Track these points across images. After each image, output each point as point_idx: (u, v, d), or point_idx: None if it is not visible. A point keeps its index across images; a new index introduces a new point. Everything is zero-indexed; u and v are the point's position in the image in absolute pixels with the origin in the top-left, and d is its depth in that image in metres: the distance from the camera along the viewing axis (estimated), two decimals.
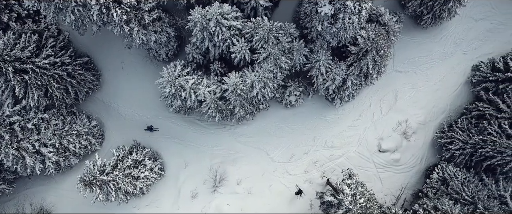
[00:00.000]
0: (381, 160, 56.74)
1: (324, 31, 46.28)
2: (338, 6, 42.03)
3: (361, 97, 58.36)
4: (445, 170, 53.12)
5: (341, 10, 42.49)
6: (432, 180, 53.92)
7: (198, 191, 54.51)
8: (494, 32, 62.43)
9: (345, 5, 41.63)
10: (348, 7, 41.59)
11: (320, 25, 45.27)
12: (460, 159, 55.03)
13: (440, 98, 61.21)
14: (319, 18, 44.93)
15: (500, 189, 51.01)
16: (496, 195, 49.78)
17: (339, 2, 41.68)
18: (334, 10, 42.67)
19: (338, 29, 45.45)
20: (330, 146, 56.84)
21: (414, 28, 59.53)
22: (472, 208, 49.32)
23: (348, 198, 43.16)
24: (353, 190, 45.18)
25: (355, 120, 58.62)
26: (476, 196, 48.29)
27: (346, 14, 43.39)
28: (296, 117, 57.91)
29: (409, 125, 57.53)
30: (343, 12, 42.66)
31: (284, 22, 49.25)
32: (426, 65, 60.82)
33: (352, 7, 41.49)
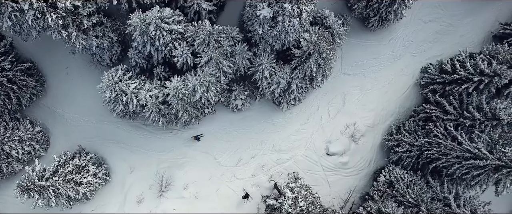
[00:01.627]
0: (329, 163, 59.44)
1: (266, 34, 48.41)
2: (276, 9, 44.00)
3: (309, 101, 60.69)
4: (392, 172, 55.69)
5: (280, 13, 44.39)
6: (379, 183, 56.35)
7: (144, 196, 56.60)
8: (444, 33, 64.96)
9: (283, 8, 43.50)
10: (286, 9, 43.39)
11: (261, 28, 47.63)
12: (407, 161, 57.31)
13: (389, 101, 63.19)
14: (259, 22, 47.09)
15: (444, 191, 53.05)
16: (440, 197, 52.30)
17: (277, 5, 43.54)
18: (273, 13, 44.71)
19: (279, 32, 47.62)
20: (278, 149, 59.13)
21: (362, 30, 62.01)
22: (415, 210, 51.63)
23: (288, 201, 45.67)
24: (295, 193, 47.17)
25: (303, 123, 60.62)
26: (419, 198, 50.66)
27: (285, 17, 45.03)
28: (243, 121, 59.82)
29: (358, 128, 59.92)
30: (282, 15, 44.50)
31: (230, 25, 51.79)
32: (374, 67, 62.74)
33: (290, 10, 43.47)
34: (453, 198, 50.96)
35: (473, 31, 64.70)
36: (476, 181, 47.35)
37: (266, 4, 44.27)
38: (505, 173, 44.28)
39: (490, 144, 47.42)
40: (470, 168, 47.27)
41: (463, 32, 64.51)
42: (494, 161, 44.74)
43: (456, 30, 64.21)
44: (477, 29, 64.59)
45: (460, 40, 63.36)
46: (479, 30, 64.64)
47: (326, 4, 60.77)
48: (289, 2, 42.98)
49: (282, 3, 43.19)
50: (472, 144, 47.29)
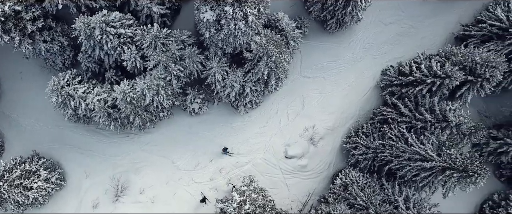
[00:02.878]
0: (288, 166, 58.46)
1: (214, 37, 47.46)
2: (218, 12, 42.88)
3: (268, 104, 59.72)
4: (348, 175, 54.64)
5: (222, 16, 43.19)
6: (335, 185, 55.60)
7: (100, 201, 55.67)
8: (405, 35, 64.23)
9: (224, 11, 42.35)
10: (227, 13, 42.22)
11: (208, 32, 46.78)
12: (364, 164, 56.80)
13: (349, 103, 62.55)
14: (205, 25, 45.97)
15: (395, 193, 52.32)
16: (392, 199, 51.19)
17: (218, 8, 42.38)
18: (216, 16, 43.49)
19: (226, 36, 46.77)
20: (237, 153, 57.72)
21: (322, 33, 61.23)
22: (365, 213, 51.34)
23: (234, 204, 44.51)
24: (244, 196, 46.03)
25: (262, 126, 59.75)
26: (369, 201, 49.62)
27: (229, 20, 44.00)
28: (202, 125, 58.96)
29: (317, 131, 58.97)
30: (224, 18, 43.31)
31: (185, 29, 52.02)
32: (335, 70, 61.79)
33: (231, 13, 42.26)
34: (402, 200, 49.86)
35: (435, 33, 63.44)
36: (424, 183, 45.88)
37: (209, 7, 42.55)
38: (448, 175, 42.75)
39: (439, 146, 45.35)
40: (419, 170, 46.00)
41: (424, 34, 63.24)
42: (439, 162, 43.27)
43: (418, 32, 62.98)
44: (439, 30, 63.49)
45: (422, 42, 62.17)
46: (441, 31, 63.60)
47: (284, 6, 61.14)
48: (230, 5, 41.47)
49: (223, 6, 40.99)
50: (420, 146, 45.60)
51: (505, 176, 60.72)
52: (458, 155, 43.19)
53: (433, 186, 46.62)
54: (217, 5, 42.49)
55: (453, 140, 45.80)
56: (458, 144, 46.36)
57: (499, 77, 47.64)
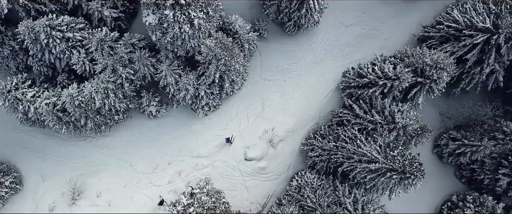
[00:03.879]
0: (248, 169, 57.39)
1: (161, 41, 46.09)
2: (158, 15, 41.59)
3: (228, 107, 58.67)
4: (303, 177, 53.18)
5: (164, 20, 41.86)
6: (291, 187, 54.18)
7: (56, 204, 54.73)
8: (367, 37, 63.33)
9: (165, 15, 41.07)
10: (168, 16, 40.90)
11: (154, 35, 45.38)
12: (320, 165, 56.01)
13: (309, 105, 61.68)
14: (151, 28, 44.69)
15: (345, 195, 52.13)
16: (342, 201, 49.89)
17: (158, 11, 41.11)
18: (158, 20, 42.19)
19: (174, 39, 45.60)
20: (196, 155, 57.15)
21: (282, 35, 60.24)
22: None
23: (178, 207, 43.29)
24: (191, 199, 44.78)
25: (222, 129, 58.84)
26: (317, 203, 48.23)
27: (174, 23, 42.67)
28: (161, 127, 57.89)
29: (276, 133, 57.88)
30: (166, 22, 42.00)
31: (141, 33, 51.93)
32: (295, 72, 60.71)
33: (172, 17, 40.96)
34: (351, 202, 48.52)
35: (398, 34, 62.30)
36: (372, 184, 44.29)
37: (150, 11, 41.15)
38: (389, 177, 41.42)
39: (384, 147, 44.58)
40: (366, 171, 44.15)
41: (387, 35, 61.99)
42: (383, 164, 41.72)
43: (380, 33, 61.71)
44: (401, 32, 62.53)
45: (384, 43, 60.86)
46: (404, 33, 62.62)
47: (243, 8, 61.29)
48: (170, 9, 39.84)
49: (162, 10, 39.65)
50: (367, 148, 46.49)
51: (465, 177, 59.57)
52: (399, 156, 41.37)
53: (379, 188, 44.49)
54: (158, 9, 40.43)
55: (397, 141, 43.84)
56: (404, 145, 44.43)
57: (446, 79, 46.29)
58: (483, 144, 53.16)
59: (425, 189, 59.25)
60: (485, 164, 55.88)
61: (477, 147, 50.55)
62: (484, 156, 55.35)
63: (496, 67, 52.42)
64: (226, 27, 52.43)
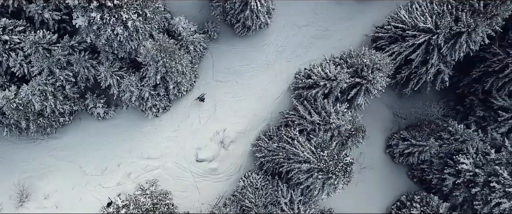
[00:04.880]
0: (199, 170, 56.34)
1: (97, 43, 44.69)
2: (86, 18, 40.26)
3: (180, 108, 57.73)
4: (248, 178, 51.90)
5: (92, 22, 40.53)
6: (238, 188, 52.69)
7: (3, 207, 53.72)
8: (320, 38, 62.00)
9: (91, 17, 39.71)
10: (95, 19, 39.56)
11: (88, 37, 44.02)
12: (267, 166, 55.11)
13: (262, 107, 60.72)
14: (84, 31, 43.42)
15: (283, 195, 51.49)
16: (280, 201, 48.72)
17: (86, 14, 39.77)
18: (87, 22, 40.83)
19: (108, 41, 43.84)
20: (147, 157, 55.95)
21: (233, 37, 59.31)
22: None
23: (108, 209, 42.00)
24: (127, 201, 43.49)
25: (173, 130, 57.77)
26: (254, 203, 47.18)
27: (104, 26, 41.28)
28: (111, 129, 56.96)
29: (227, 134, 56.87)
30: (95, 24, 40.76)
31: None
32: (248, 74, 59.67)
33: (99, 19, 39.58)
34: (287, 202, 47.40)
35: (351, 35, 61.22)
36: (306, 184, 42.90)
37: (80, 13, 39.68)
38: (315, 177, 40.08)
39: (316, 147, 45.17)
40: (300, 172, 42.83)
41: (340, 36, 60.86)
42: (314, 165, 40.44)
43: (333, 34, 60.56)
44: (355, 32, 61.56)
45: (337, 44, 59.64)
46: (358, 33, 60.87)
47: (193, 10, 61.33)
48: (97, 11, 38.49)
49: (89, 12, 38.28)
50: (301, 148, 46.54)
51: (417, 176, 58.24)
52: (328, 157, 40.01)
53: (312, 188, 43.12)
54: (85, 11, 39.00)
55: (330, 142, 42.56)
56: (342, 146, 42.81)
57: (381, 79, 44.53)
58: (428, 144, 51.55)
59: (378, 189, 58.24)
60: (433, 164, 54.23)
61: (423, 147, 48.95)
62: (432, 156, 53.91)
63: (441, 67, 50.80)
64: (170, 29, 50.42)
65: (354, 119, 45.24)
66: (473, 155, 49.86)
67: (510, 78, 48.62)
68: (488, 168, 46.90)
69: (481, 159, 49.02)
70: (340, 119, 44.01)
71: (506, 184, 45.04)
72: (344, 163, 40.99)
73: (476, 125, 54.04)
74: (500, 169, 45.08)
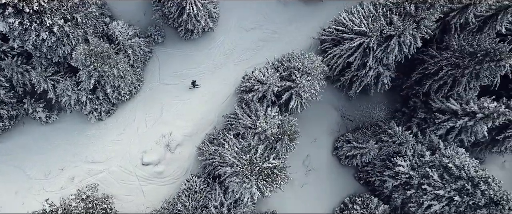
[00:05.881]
0: (144, 173, 55.29)
1: (27, 48, 43.48)
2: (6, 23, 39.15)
3: (126, 111, 56.53)
4: (190, 181, 50.89)
5: (13, 28, 39.38)
6: (179, 191, 51.69)
7: None
8: (268, 41, 60.61)
9: (10, 22, 38.55)
10: (13, 24, 38.32)
11: (15, 42, 42.77)
12: (208, 169, 54.11)
13: (209, 110, 60.13)
14: (10, 36, 42.18)
15: (216, 198, 51.32)
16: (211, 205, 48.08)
17: (5, 20, 38.55)
18: (8, 27, 39.68)
19: (35, 46, 42.78)
20: (91, 161, 54.91)
21: (180, 40, 58.67)
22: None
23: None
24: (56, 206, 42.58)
25: (119, 134, 56.64)
26: (185, 207, 47.76)
27: (29, 31, 40.03)
28: (55, 133, 56.16)
29: (174, 137, 55.78)
30: (16, 30, 39.50)
31: None
32: (195, 77, 58.94)
33: (17, 25, 38.37)
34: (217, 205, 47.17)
35: (300, 38, 60.27)
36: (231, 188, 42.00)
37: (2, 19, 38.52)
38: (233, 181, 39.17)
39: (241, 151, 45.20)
40: (228, 175, 41.89)
41: (289, 39, 59.67)
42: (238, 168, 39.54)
43: (281, 37, 59.35)
44: (303, 35, 60.93)
45: (286, 47, 58.65)
46: (307, 35, 59.78)
47: (138, 13, 60.37)
48: (14, 17, 37.19)
49: (6, 18, 37.13)
50: (229, 152, 46.12)
51: (362, 178, 56.69)
52: (245, 160, 39.00)
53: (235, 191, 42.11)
54: (3, 17, 37.81)
55: (257, 145, 41.55)
56: (271, 150, 41.76)
57: (307, 83, 44.99)
58: (368, 147, 50.45)
59: (325, 190, 57.37)
60: (376, 166, 53.04)
61: (364, 149, 47.58)
62: (374, 158, 52.70)
63: (381, 70, 49.46)
64: (107, 33, 49.21)
65: (283, 122, 43.78)
66: (410, 157, 48.16)
67: (445, 81, 46.57)
68: (422, 170, 45.34)
69: (417, 161, 47.39)
70: (267, 123, 42.44)
71: (436, 186, 43.59)
72: (261, 168, 39.57)
73: (418, 127, 52.66)
74: (430, 172, 43.77)
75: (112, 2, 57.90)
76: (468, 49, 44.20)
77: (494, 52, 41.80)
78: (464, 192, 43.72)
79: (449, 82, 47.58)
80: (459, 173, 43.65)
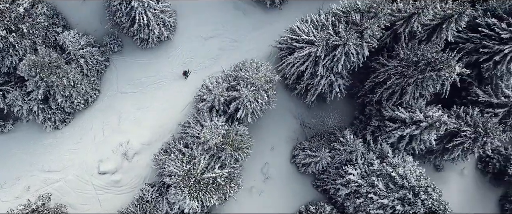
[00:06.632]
0: (101, 182, 54.83)
1: None
2: None
3: (83, 120, 56.16)
4: (143, 190, 50.29)
5: None
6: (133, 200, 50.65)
7: None
8: (228, 49, 60.52)
9: None
10: None
11: None
12: (162, 178, 51.65)
13: (167, 118, 59.63)
14: None
15: (162, 208, 51.16)
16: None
17: None
18: None
19: None
20: (47, 170, 54.42)
21: (138, 49, 57.70)
22: None
23: None
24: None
25: (76, 143, 56.25)
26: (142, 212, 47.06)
27: None
28: (10, 142, 56.09)
29: (131, 146, 55.24)
30: None
31: None
32: (154, 85, 58.25)
33: None
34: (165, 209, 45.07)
35: (260, 46, 59.96)
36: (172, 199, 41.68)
37: None
38: (175, 192, 38.64)
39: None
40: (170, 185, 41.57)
41: (249, 47, 59.35)
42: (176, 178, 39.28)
43: (241, 45, 59.03)
44: (263, 43, 59.64)
45: (245, 55, 58.19)
46: (266, 44, 58.56)
47: (96, 23, 60.17)
48: None
49: None
50: (172, 162, 46.21)
51: (320, 186, 55.84)
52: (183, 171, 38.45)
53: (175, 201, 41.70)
54: None
55: (193, 155, 41.02)
56: (215, 160, 41.15)
57: (249, 93, 46.57)
58: (320, 155, 49.83)
59: (283, 198, 57.08)
60: (330, 174, 52.45)
61: (316, 157, 46.95)
62: (329, 166, 51.94)
63: (333, 79, 48.90)
64: (59, 43, 48.58)
65: (229, 132, 43.11)
66: (361, 165, 47.58)
67: (393, 90, 46.08)
68: (370, 179, 44.70)
69: (367, 170, 46.79)
70: (210, 133, 41.83)
71: (381, 195, 43.06)
72: (197, 178, 39.02)
73: (372, 134, 52.07)
74: (376, 181, 43.28)
75: (69, 11, 57.10)
76: (412, 59, 43.34)
77: (434, 62, 40.99)
78: (406, 201, 42.91)
79: (397, 91, 46.92)
80: (402, 182, 42.89)
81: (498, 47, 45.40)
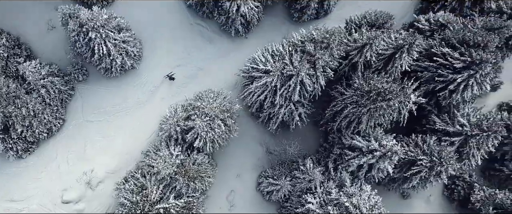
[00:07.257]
0: (64, 211, 54.34)
1: None
2: None
3: (47, 149, 55.61)
4: None
5: None
6: None
7: None
8: (194, 77, 60.89)
9: None
10: None
11: None
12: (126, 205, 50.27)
13: (133, 146, 59.47)
14: None
15: None
16: None
17: None
18: None
19: None
20: (10, 199, 54.12)
21: (103, 78, 57.91)
22: None
23: None
24: None
25: (40, 172, 56.17)
26: None
27: None
28: None
29: (95, 174, 54.69)
30: None
31: None
32: (120, 113, 58.09)
33: None
34: None
35: (226, 74, 59.59)
36: None
37: None
38: None
39: None
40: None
41: (215, 75, 60.04)
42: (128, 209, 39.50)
43: (207, 74, 59.34)
44: (229, 71, 58.93)
45: (212, 83, 57.84)
46: (232, 71, 57.90)
47: (61, 53, 60.69)
48: None
49: None
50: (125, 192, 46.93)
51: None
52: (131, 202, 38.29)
53: None
54: None
55: (143, 185, 40.61)
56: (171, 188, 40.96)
57: (202, 124, 47.27)
58: (280, 183, 49.36)
59: None
60: (293, 202, 51.88)
61: (278, 185, 46.48)
62: (291, 194, 51.42)
63: (292, 107, 48.70)
64: (19, 73, 48.40)
65: (184, 162, 42.68)
66: (320, 194, 47.05)
67: (350, 119, 45.81)
68: (326, 208, 44.17)
69: (325, 199, 46.27)
70: (164, 163, 41.42)
71: None
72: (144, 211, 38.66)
73: (334, 162, 51.60)
74: (332, 210, 42.95)
75: (34, 42, 57.14)
76: (365, 88, 43.17)
77: (384, 92, 40.85)
78: None
79: (354, 120, 46.75)
80: (355, 211, 42.39)
81: (452, 76, 45.43)
